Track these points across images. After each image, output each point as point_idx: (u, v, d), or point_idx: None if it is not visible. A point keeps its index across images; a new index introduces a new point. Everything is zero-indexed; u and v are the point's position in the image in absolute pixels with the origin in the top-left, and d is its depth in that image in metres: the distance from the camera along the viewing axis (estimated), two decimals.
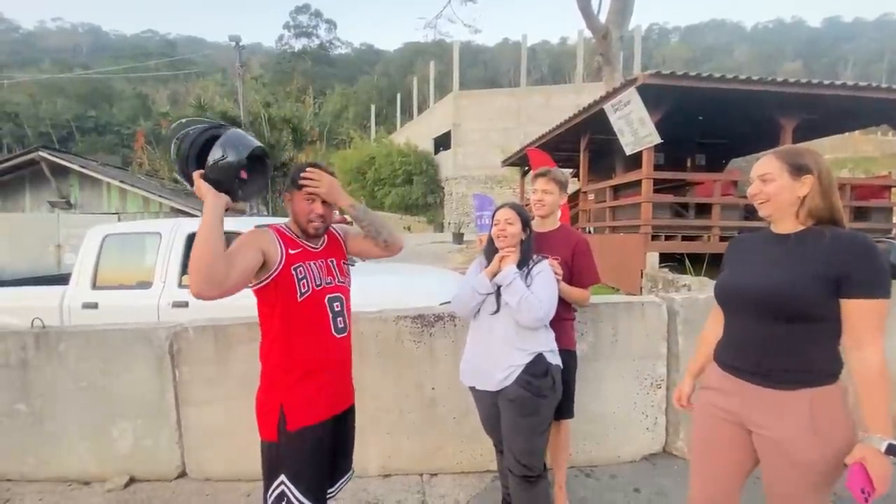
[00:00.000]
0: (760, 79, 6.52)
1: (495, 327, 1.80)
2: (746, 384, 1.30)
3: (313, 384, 1.49)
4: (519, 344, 1.77)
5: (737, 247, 1.45)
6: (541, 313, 1.70)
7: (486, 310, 1.82)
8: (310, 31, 68.31)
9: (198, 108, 11.69)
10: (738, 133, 9.89)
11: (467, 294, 1.85)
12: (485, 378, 1.82)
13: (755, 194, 1.31)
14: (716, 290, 1.42)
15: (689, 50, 67.42)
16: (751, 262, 1.34)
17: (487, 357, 1.81)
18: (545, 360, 1.77)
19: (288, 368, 1.48)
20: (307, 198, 1.53)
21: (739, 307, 1.32)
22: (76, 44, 77.20)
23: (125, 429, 2.63)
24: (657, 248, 6.92)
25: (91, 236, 3.63)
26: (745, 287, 1.30)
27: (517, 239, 1.85)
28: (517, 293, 1.72)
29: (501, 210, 1.90)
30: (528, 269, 1.83)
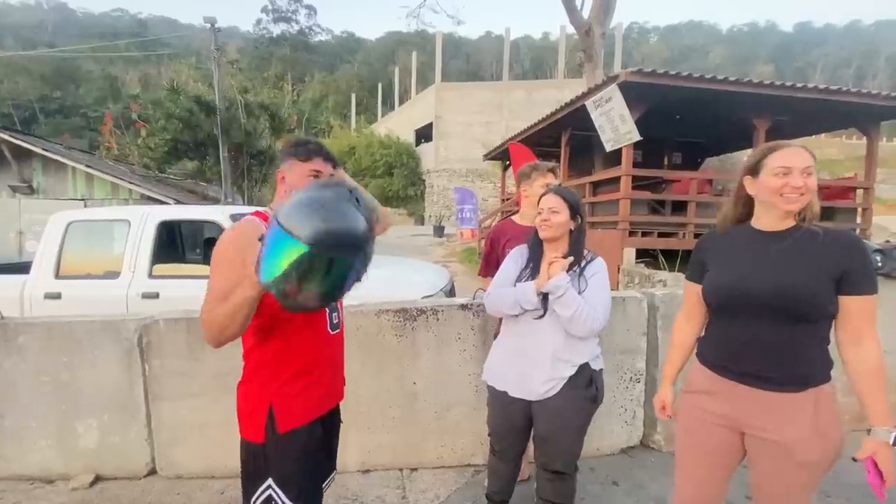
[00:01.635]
0: (738, 79, 6.67)
1: (540, 334, 1.62)
2: (743, 387, 1.27)
3: (305, 382, 1.37)
4: (566, 356, 1.61)
5: (717, 244, 1.37)
6: (596, 325, 1.54)
7: (531, 312, 1.62)
8: (289, 16, 66.59)
9: (171, 91, 11.26)
10: (713, 133, 10.13)
11: (507, 302, 1.64)
12: (520, 386, 1.67)
13: (799, 187, 1.19)
14: (710, 290, 1.33)
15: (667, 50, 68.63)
16: (747, 260, 1.27)
17: (527, 365, 1.65)
18: (589, 369, 1.64)
19: (279, 367, 1.35)
20: (312, 173, 1.34)
21: (745, 309, 1.25)
22: (41, 21, 73.23)
23: (90, 425, 2.52)
24: (634, 244, 7.04)
25: (54, 223, 3.44)
26: (756, 288, 1.22)
27: (564, 230, 1.64)
28: (570, 306, 1.52)
29: (546, 197, 1.66)
30: (581, 270, 1.63)
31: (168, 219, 3.52)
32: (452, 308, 2.44)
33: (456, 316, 2.44)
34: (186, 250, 4.52)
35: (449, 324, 2.44)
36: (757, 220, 1.31)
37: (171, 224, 3.86)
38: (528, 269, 1.72)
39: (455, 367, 2.43)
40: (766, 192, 1.25)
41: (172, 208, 3.56)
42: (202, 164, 12.62)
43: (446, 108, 21.56)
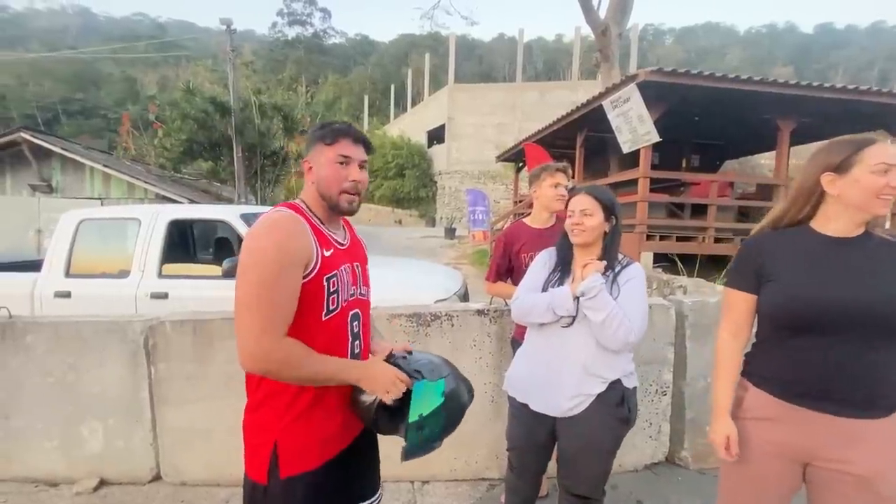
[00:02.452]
0: (762, 79, 6.45)
1: (569, 344, 1.48)
2: (818, 414, 1.12)
3: (319, 419, 1.15)
4: (596, 370, 1.46)
5: (777, 248, 1.19)
6: (631, 335, 1.38)
7: (559, 321, 1.49)
8: (304, 19, 67.17)
9: (187, 92, 11.35)
10: (734, 134, 9.86)
11: (539, 309, 1.50)
12: (544, 401, 1.53)
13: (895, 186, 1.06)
14: (782, 303, 1.15)
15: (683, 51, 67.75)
16: (828, 269, 1.12)
17: (552, 378, 1.51)
18: (621, 386, 1.49)
19: (289, 400, 1.13)
20: (340, 159, 1.16)
21: (828, 325, 1.10)
22: (65, 25, 75.12)
23: (96, 428, 2.46)
24: (652, 248, 6.86)
25: (65, 221, 3.42)
26: (848, 301, 1.08)
27: (598, 233, 1.50)
28: (603, 309, 1.38)
29: (577, 198, 1.52)
30: (614, 275, 1.48)
31: (178, 218, 3.47)
32: (468, 314, 2.33)
33: (471, 322, 2.33)
34: (198, 250, 4.48)
35: (464, 330, 2.33)
36: (824, 224, 1.16)
37: (182, 223, 3.81)
38: (557, 274, 1.58)
39: (470, 376, 2.26)
40: (859, 193, 1.09)
41: (182, 207, 3.52)
42: (216, 164, 12.71)
43: (459, 110, 21.48)
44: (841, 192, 1.13)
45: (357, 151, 1.18)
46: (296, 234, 1.08)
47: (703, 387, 2.42)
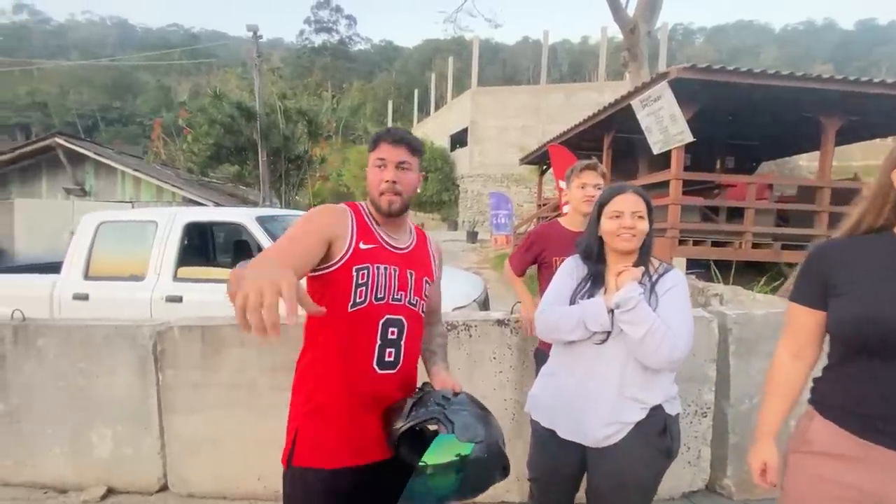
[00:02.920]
0: (804, 75, 6.07)
1: (603, 363, 1.31)
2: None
3: (328, 420, 1.16)
4: (634, 393, 1.29)
5: (849, 257, 1.05)
6: (676, 352, 1.20)
7: (592, 337, 1.32)
8: (330, 26, 68.41)
9: (214, 97, 11.60)
10: (771, 134, 9.39)
11: (568, 324, 1.32)
12: (573, 428, 1.35)
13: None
14: (857, 321, 0.99)
15: (714, 51, 65.76)
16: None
17: (583, 402, 1.33)
18: (663, 413, 1.30)
19: (308, 391, 1.18)
20: (378, 162, 1.21)
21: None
22: (104, 36, 78.74)
23: (105, 434, 2.41)
24: (684, 254, 6.52)
25: (85, 223, 3.43)
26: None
27: (642, 239, 1.35)
28: (644, 322, 1.21)
29: (625, 197, 1.33)
30: (652, 284, 1.31)
31: (195, 221, 3.44)
32: (488, 323, 2.17)
33: (491, 333, 2.17)
34: (218, 253, 4.46)
35: (483, 341, 2.17)
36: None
37: (199, 226, 3.78)
38: (587, 284, 1.39)
39: (489, 391, 2.15)
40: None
41: (199, 210, 3.50)
42: (242, 168, 12.93)
43: (482, 113, 21.32)
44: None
45: (394, 153, 1.20)
46: (330, 214, 1.18)
47: (747, 408, 2.19)
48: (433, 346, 1.40)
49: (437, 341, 1.41)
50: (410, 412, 1.10)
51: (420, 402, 1.12)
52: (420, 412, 1.09)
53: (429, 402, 1.11)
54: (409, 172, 1.22)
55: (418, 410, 1.10)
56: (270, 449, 2.19)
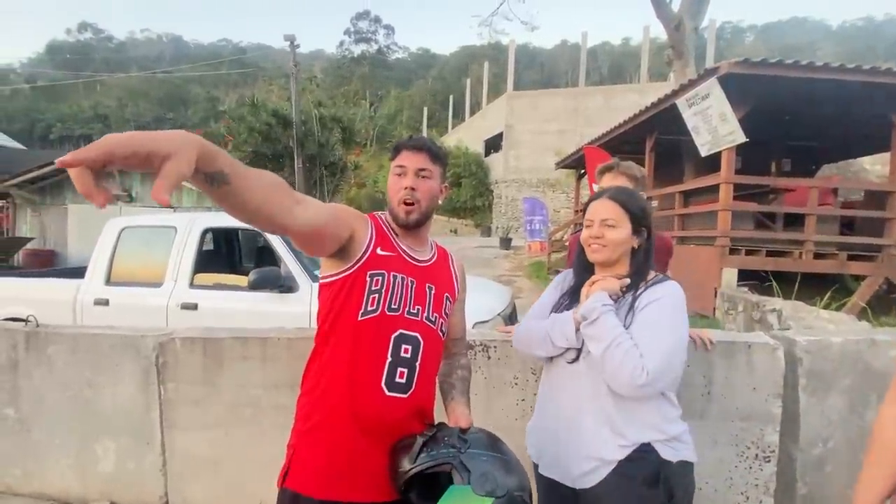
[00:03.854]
0: (873, 68, 5.47)
1: (577, 387, 1.16)
2: None
3: (325, 443, 1.05)
4: (614, 423, 1.10)
5: None
6: (640, 376, 1.01)
7: (564, 355, 1.20)
8: (369, 36, 69.89)
9: (252, 106, 11.94)
10: (833, 134, 8.59)
11: (536, 337, 1.24)
12: (554, 462, 1.19)
13: None
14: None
15: (766, 49, 62.46)
16: None
17: (561, 432, 1.18)
18: (656, 456, 1.08)
19: (309, 407, 1.10)
20: (397, 170, 1.15)
21: None
22: (160, 52, 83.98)
23: (109, 448, 2.33)
24: (736, 264, 6.00)
25: (108, 229, 3.44)
26: None
27: (623, 250, 1.18)
28: (604, 337, 1.06)
29: (597, 204, 1.19)
30: (634, 297, 1.14)
31: (213, 226, 3.39)
32: (509, 344, 1.92)
33: (513, 354, 1.92)
34: (239, 260, 4.41)
35: (504, 364, 1.93)
36: None
37: (219, 232, 3.73)
38: (567, 298, 1.26)
39: (510, 422, 1.90)
40: None
41: (219, 215, 3.45)
42: (279, 175, 13.21)
43: (517, 117, 21.00)
44: None
45: (414, 160, 1.13)
46: (354, 212, 1.11)
47: (821, 453, 1.83)
48: (453, 378, 1.25)
49: (458, 374, 1.26)
50: (421, 452, 0.95)
51: (433, 440, 0.97)
52: (432, 454, 0.95)
53: (442, 443, 0.98)
54: (428, 181, 1.14)
55: (430, 451, 0.95)
56: (272, 473, 2.05)
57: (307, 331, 2.12)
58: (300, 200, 0.91)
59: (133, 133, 0.60)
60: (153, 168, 0.61)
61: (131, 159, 0.59)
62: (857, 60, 5.71)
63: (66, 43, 76.50)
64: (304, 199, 0.93)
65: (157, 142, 0.60)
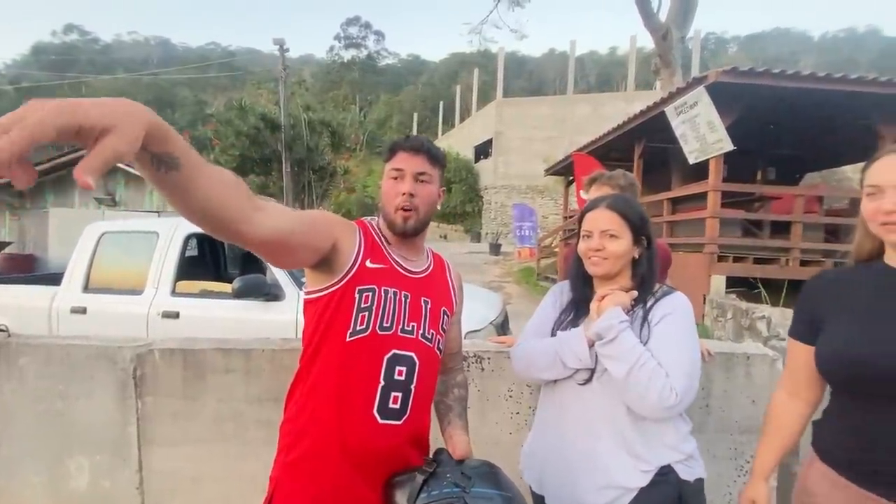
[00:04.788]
0: (859, 77, 5.58)
1: (589, 410, 1.08)
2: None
3: (311, 478, 0.96)
4: (632, 447, 1.04)
5: (835, 289, 1.01)
6: (670, 397, 0.96)
7: (574, 376, 1.12)
8: (359, 42, 69.90)
9: (240, 109, 11.79)
10: (818, 143, 8.76)
11: (544, 359, 1.13)
12: (564, 493, 1.10)
13: (890, 212, 0.89)
14: (825, 358, 0.96)
15: (749, 60, 63.95)
16: (883, 315, 0.90)
17: (571, 459, 1.09)
18: (675, 478, 1.04)
19: (294, 435, 1.00)
20: (393, 174, 1.05)
21: (887, 390, 0.87)
22: (148, 55, 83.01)
23: (83, 464, 2.21)
24: (724, 271, 6.04)
25: (87, 234, 3.32)
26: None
27: (624, 262, 1.12)
28: (627, 357, 0.99)
29: (595, 214, 1.13)
30: (645, 311, 1.08)
31: (197, 231, 3.27)
32: (503, 356, 1.87)
33: (507, 366, 1.86)
34: (224, 267, 4.30)
35: (497, 376, 1.87)
36: (892, 254, 0.96)
37: (203, 237, 3.62)
38: (570, 314, 1.18)
39: (504, 436, 1.84)
40: (865, 218, 0.97)
41: None
42: (267, 179, 13.07)
43: (506, 124, 21.13)
44: None
45: (413, 162, 1.04)
46: (339, 220, 1.02)
47: None
48: (449, 398, 1.17)
49: (454, 393, 1.18)
50: (421, 491, 0.88)
51: (433, 477, 0.90)
52: (433, 493, 0.88)
53: (444, 480, 0.91)
54: (428, 185, 1.05)
55: (431, 489, 0.88)
56: (255, 490, 1.95)
57: (292, 342, 2.04)
58: (261, 207, 0.79)
59: (65, 102, 0.47)
60: (87, 144, 0.49)
61: (62, 134, 0.47)
62: (839, 71, 5.82)
63: (51, 44, 75.28)
64: (267, 205, 0.82)
65: (92, 113, 0.48)
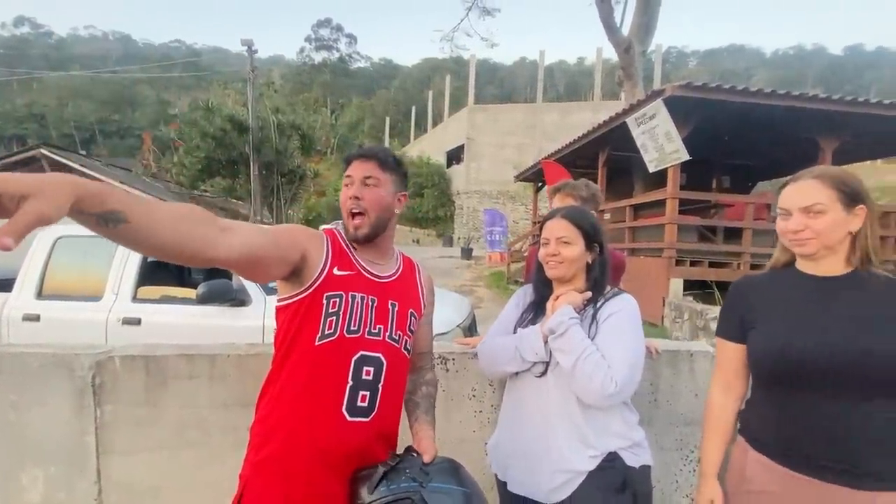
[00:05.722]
0: (802, 94, 5.99)
1: (544, 401, 1.20)
2: (828, 486, 0.97)
3: (281, 476, 1.00)
4: (583, 435, 1.15)
5: (759, 292, 1.13)
6: (610, 385, 1.07)
7: (531, 369, 1.23)
8: (330, 44, 69.21)
9: (206, 110, 11.49)
10: (767, 154, 9.32)
11: (505, 354, 1.26)
12: (524, 478, 1.21)
13: (798, 231, 1.01)
14: (757, 354, 1.07)
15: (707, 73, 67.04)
16: (802, 314, 1.03)
17: (529, 447, 1.21)
18: (622, 464, 1.15)
19: (263, 435, 1.03)
20: (346, 181, 1.11)
21: (808, 379, 0.99)
22: (106, 51, 79.49)
23: (36, 476, 2.13)
24: (681, 274, 6.34)
25: (41, 238, 3.19)
26: (821, 352, 0.96)
27: (578, 266, 1.25)
28: (573, 349, 1.11)
29: (552, 223, 1.26)
30: (595, 310, 1.21)
31: None
32: (466, 356, 1.93)
33: (470, 366, 1.93)
34: (190, 271, 4.21)
35: (462, 376, 1.94)
36: (806, 263, 1.09)
37: None
38: (531, 313, 1.31)
39: (468, 434, 1.91)
40: (779, 234, 1.09)
41: None
42: (234, 182, 12.75)
43: (478, 130, 21.41)
44: None
45: (361, 168, 1.09)
46: (304, 230, 1.08)
47: None
48: (417, 395, 1.22)
49: (423, 390, 1.24)
50: (380, 484, 0.93)
51: (394, 472, 0.95)
52: (392, 487, 0.92)
53: (404, 475, 0.95)
54: (375, 189, 1.08)
55: (390, 483, 0.93)
56: (219, 498, 1.95)
57: (259, 346, 2.05)
58: (226, 228, 0.83)
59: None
60: (7, 213, 0.52)
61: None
62: (788, 86, 6.25)
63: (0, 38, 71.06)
64: (232, 226, 0.86)
65: (10, 182, 0.52)
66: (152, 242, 0.70)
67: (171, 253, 0.74)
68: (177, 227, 0.72)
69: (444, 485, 0.95)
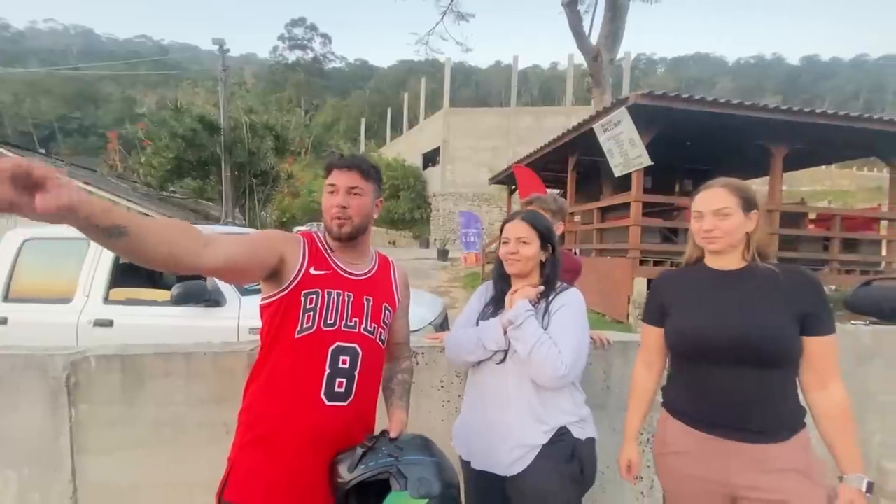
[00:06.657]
0: (753, 104, 6.38)
1: (504, 385, 1.35)
2: (730, 443, 1.16)
3: (267, 454, 1.09)
4: (537, 413, 1.30)
5: (673, 285, 1.34)
6: (561, 368, 1.23)
7: (492, 357, 1.38)
8: (304, 43, 68.35)
9: (175, 110, 11.24)
10: (725, 160, 9.81)
11: (468, 344, 1.39)
12: (486, 455, 1.35)
13: (710, 230, 1.21)
14: (674, 336, 1.27)
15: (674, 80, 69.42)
16: (705, 302, 1.23)
17: (490, 427, 1.35)
18: (570, 437, 1.30)
19: (250, 420, 1.13)
20: (329, 188, 1.21)
21: (714, 355, 1.18)
22: (67, 45, 76.15)
23: (10, 478, 2.13)
24: (645, 274, 6.63)
25: (8, 240, 3.14)
26: (723, 332, 1.16)
27: (534, 263, 1.41)
28: (528, 338, 1.26)
29: (512, 224, 1.42)
30: (547, 303, 1.37)
31: None
32: (435, 350, 2.06)
33: (439, 360, 2.06)
34: (162, 274, 4.18)
35: (431, 369, 2.06)
36: (711, 259, 1.28)
37: None
38: (491, 307, 1.46)
39: (437, 423, 2.03)
40: (693, 234, 1.29)
41: None
42: (204, 183, 12.50)
43: (454, 133, 21.60)
44: None
45: (345, 178, 1.19)
46: (282, 234, 1.19)
47: None
48: (393, 382, 1.34)
49: (398, 378, 1.36)
50: (359, 462, 1.02)
51: (371, 451, 1.04)
52: (370, 464, 1.02)
53: (380, 452, 1.04)
54: (360, 198, 1.20)
55: (368, 461, 1.02)
56: (196, 495, 2.00)
57: (233, 345, 2.12)
58: (209, 242, 0.93)
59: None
60: (15, 206, 0.63)
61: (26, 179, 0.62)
62: (750, 94, 6.66)
63: None
64: (215, 239, 0.96)
65: (41, 167, 0.63)
66: (144, 252, 0.81)
67: (159, 262, 0.85)
68: (168, 240, 0.84)
69: (417, 456, 1.06)
